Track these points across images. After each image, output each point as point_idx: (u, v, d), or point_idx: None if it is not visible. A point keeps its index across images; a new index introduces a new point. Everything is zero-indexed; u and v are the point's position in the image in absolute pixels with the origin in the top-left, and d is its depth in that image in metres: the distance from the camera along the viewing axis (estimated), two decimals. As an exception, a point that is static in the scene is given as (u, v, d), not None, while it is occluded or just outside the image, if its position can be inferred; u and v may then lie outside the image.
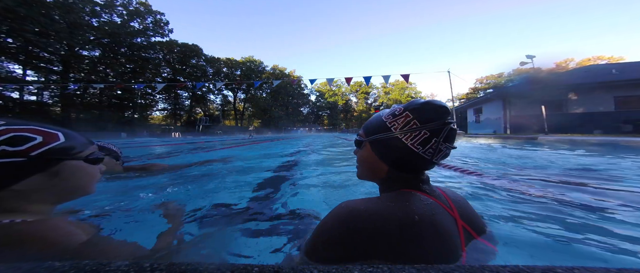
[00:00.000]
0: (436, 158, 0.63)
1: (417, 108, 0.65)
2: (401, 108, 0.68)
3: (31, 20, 18.19)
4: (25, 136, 0.60)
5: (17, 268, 0.40)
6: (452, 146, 0.65)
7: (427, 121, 0.62)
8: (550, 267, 0.38)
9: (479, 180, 2.00)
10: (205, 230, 1.13)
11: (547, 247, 0.86)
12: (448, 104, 4.74)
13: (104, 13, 25.68)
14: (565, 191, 1.58)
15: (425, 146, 0.62)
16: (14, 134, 0.59)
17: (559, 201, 1.35)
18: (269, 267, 0.40)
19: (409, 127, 0.63)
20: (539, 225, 1.03)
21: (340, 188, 1.83)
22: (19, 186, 0.59)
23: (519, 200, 1.41)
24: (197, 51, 37.90)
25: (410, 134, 0.63)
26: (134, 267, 0.40)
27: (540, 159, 3.40)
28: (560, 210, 1.22)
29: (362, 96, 61.88)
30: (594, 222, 1.07)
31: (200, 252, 0.86)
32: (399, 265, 0.40)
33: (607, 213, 1.19)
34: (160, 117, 40.91)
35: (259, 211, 1.35)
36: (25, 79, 20.83)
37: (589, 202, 1.34)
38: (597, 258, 0.79)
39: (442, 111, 0.63)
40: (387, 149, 0.67)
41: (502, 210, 1.22)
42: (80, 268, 0.40)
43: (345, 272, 0.39)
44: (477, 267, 0.39)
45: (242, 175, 2.44)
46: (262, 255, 0.88)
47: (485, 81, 51.57)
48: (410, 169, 0.66)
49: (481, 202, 1.36)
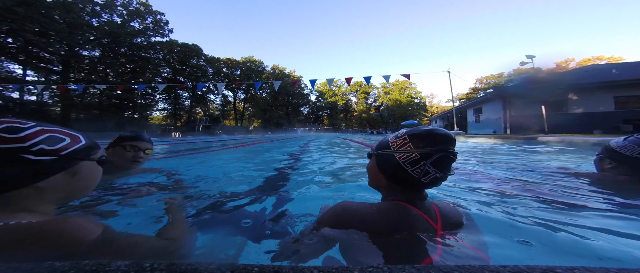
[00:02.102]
0: (425, 179, 0.73)
1: (415, 133, 0.77)
2: (404, 131, 0.80)
3: (31, 20, 18.17)
4: (58, 136, 0.67)
5: (17, 268, 0.40)
6: (441, 172, 0.73)
7: (420, 146, 0.73)
8: (550, 267, 0.38)
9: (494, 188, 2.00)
10: (205, 230, 1.13)
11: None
12: (448, 104, 4.73)
13: (104, 13, 25.65)
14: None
15: (413, 166, 0.73)
16: (50, 134, 0.65)
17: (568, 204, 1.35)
18: (269, 267, 0.40)
19: (404, 148, 0.76)
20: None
21: (340, 190, 1.83)
22: (44, 183, 0.64)
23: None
24: (197, 51, 37.87)
25: (403, 154, 0.75)
26: (133, 266, 0.40)
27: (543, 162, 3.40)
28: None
29: (362, 96, 61.83)
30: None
31: (200, 252, 0.86)
32: (399, 265, 0.41)
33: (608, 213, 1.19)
34: (160, 117, 40.87)
35: (259, 211, 1.35)
36: (25, 79, 20.82)
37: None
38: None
39: (437, 139, 0.73)
40: (384, 163, 0.81)
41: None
42: (80, 269, 0.40)
43: (345, 272, 0.39)
44: (477, 267, 0.39)
45: (241, 174, 2.44)
46: (262, 255, 0.88)
47: (485, 81, 51.57)
48: (402, 184, 0.78)
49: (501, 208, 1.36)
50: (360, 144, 7.76)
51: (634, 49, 58.61)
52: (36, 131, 0.63)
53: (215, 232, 1.11)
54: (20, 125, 0.62)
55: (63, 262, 0.42)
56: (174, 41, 34.50)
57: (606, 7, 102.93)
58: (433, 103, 67.05)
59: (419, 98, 57.65)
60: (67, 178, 0.68)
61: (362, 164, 2.99)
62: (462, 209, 0.89)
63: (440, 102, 67.41)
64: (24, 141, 0.60)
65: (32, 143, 0.61)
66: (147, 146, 1.66)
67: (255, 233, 1.06)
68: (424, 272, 0.38)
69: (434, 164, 0.72)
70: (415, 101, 56.42)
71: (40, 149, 0.62)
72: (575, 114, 13.14)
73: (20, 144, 0.60)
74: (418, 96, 57.71)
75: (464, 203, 1.30)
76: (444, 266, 0.40)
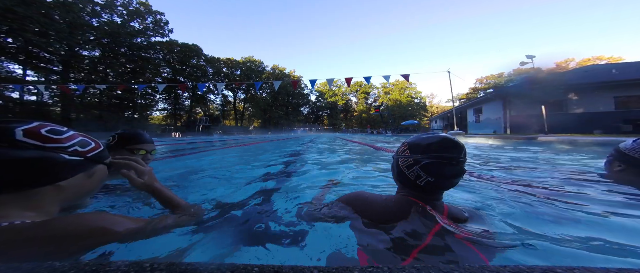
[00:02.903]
0: (420, 181, 0.83)
1: (413, 141, 0.91)
2: (407, 139, 0.95)
3: (31, 20, 18.16)
4: (87, 140, 0.74)
5: (17, 268, 0.40)
6: (432, 177, 0.81)
7: (414, 152, 0.86)
8: (550, 267, 0.38)
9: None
10: (205, 230, 1.13)
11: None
12: (448, 104, 4.74)
13: (104, 13, 25.66)
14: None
15: (408, 170, 0.86)
16: (82, 138, 0.73)
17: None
18: (269, 267, 0.40)
19: (404, 153, 0.91)
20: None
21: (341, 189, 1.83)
22: (65, 182, 0.68)
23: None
24: (197, 50, 37.88)
25: (403, 159, 0.90)
26: (133, 266, 0.40)
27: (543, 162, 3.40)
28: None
29: (362, 96, 61.82)
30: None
31: (200, 253, 0.86)
32: (399, 266, 0.41)
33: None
34: (160, 117, 40.88)
35: (258, 211, 1.35)
36: (25, 79, 20.82)
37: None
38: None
39: (433, 148, 0.83)
40: (393, 165, 1.00)
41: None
42: (80, 269, 0.40)
43: (345, 272, 0.39)
44: (477, 267, 0.39)
45: (241, 174, 2.44)
46: (262, 255, 0.88)
47: (485, 81, 51.57)
48: (404, 184, 0.91)
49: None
50: (371, 147, 7.73)
51: (634, 49, 58.65)
52: (72, 134, 0.71)
53: (214, 232, 1.11)
54: (60, 128, 0.69)
55: (63, 262, 0.42)
56: (174, 41, 34.52)
57: (606, 7, 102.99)
58: (433, 103, 67.04)
59: (419, 98, 57.64)
60: (84, 179, 0.73)
61: (360, 164, 2.98)
62: (477, 210, 0.99)
63: (440, 102, 67.45)
64: (64, 142, 0.67)
65: (70, 144, 0.68)
66: (152, 147, 1.56)
67: (255, 233, 1.06)
68: (424, 272, 0.39)
69: (424, 168, 0.82)
70: (415, 101, 56.40)
71: (74, 151, 0.68)
72: (575, 114, 13.14)
73: (62, 145, 0.66)
74: (418, 96, 57.70)
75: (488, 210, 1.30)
76: (444, 266, 0.40)
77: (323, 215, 0.97)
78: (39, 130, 0.63)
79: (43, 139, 0.63)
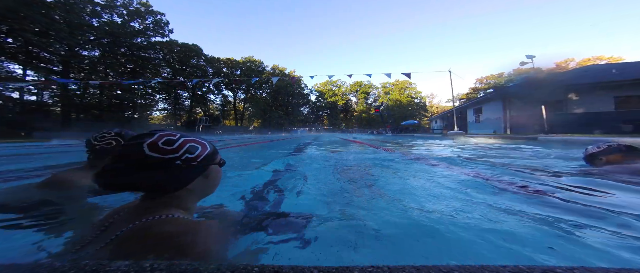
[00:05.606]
0: None
1: None
2: None
3: (31, 20, 18.16)
4: (195, 145, 0.77)
5: (17, 267, 0.40)
6: None
7: None
8: (550, 267, 0.38)
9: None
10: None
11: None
12: (448, 104, 4.75)
13: (104, 13, 25.63)
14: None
15: None
16: (191, 144, 0.76)
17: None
18: (269, 267, 0.40)
19: None
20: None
21: (341, 188, 1.83)
22: (191, 185, 0.76)
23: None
24: (197, 51, 37.86)
25: None
26: (133, 266, 0.40)
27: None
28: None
29: (362, 96, 61.80)
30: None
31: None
32: (399, 265, 0.41)
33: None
34: (160, 117, 40.87)
35: (258, 211, 1.35)
36: (25, 79, 20.80)
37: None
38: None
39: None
40: None
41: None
42: (80, 268, 0.40)
43: (345, 272, 0.39)
44: (477, 267, 0.39)
45: (240, 174, 2.44)
46: (262, 255, 0.88)
47: (485, 80, 51.55)
48: None
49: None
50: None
51: (634, 49, 58.53)
52: (182, 142, 0.74)
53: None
54: (172, 137, 0.73)
55: (63, 263, 0.42)
56: (174, 41, 34.49)
57: (606, 7, 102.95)
58: (433, 102, 66.99)
59: (419, 98, 57.63)
60: (202, 179, 0.79)
61: (357, 161, 2.98)
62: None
63: (440, 102, 67.35)
64: (177, 152, 0.71)
65: (181, 152, 0.72)
66: None
67: (255, 233, 1.06)
68: (424, 272, 0.38)
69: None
70: (415, 101, 56.39)
71: (186, 158, 0.73)
72: (575, 114, 13.13)
73: (175, 155, 0.71)
74: (418, 96, 57.69)
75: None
76: (444, 266, 0.40)
77: None
78: (158, 142, 0.70)
79: (162, 152, 0.69)
